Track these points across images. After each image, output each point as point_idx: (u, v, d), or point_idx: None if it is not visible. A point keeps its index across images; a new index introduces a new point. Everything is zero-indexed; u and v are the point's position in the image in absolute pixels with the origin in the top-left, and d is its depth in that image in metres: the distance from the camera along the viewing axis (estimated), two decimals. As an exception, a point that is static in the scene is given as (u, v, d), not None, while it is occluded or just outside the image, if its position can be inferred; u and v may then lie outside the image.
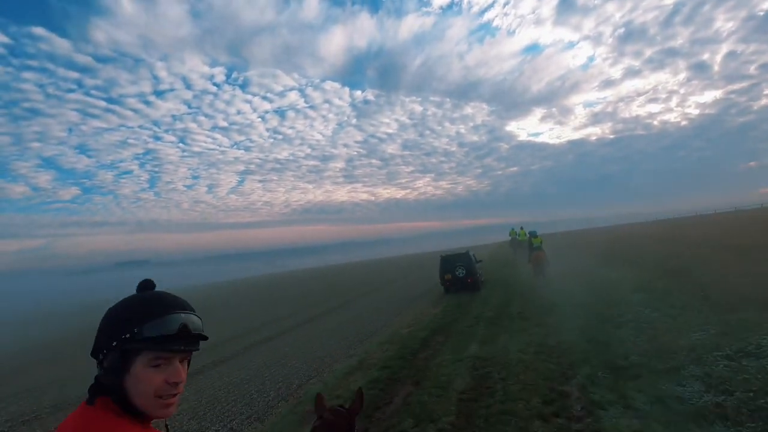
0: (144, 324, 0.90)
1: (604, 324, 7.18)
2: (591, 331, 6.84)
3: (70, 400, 8.25)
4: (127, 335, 0.89)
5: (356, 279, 32.60)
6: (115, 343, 0.90)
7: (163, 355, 0.92)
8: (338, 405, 1.51)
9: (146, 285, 1.01)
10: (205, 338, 1.00)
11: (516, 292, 12.51)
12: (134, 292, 1.00)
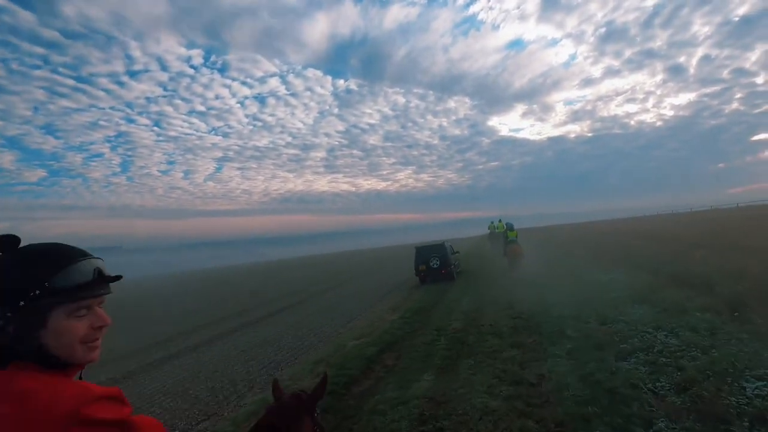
0: (54, 276, 0.82)
1: (603, 351, 5.18)
2: (586, 364, 4.87)
3: None
4: (37, 291, 0.81)
5: (328, 271, 30.62)
6: (22, 303, 0.80)
7: (84, 304, 0.85)
8: (300, 390, 1.38)
9: (11, 240, 0.86)
10: (120, 278, 0.97)
11: (490, 296, 10.63)
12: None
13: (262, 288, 24.25)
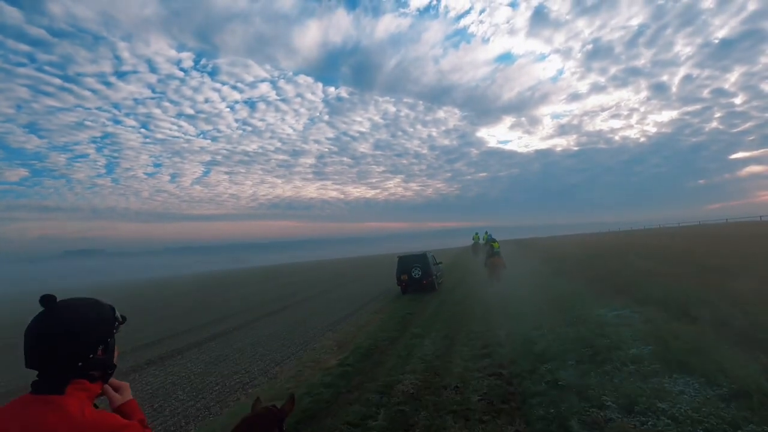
0: (115, 314, 1.35)
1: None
2: None
3: None
4: (117, 322, 1.35)
5: (308, 280, 28.18)
6: (115, 332, 1.34)
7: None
8: (271, 405, 1.60)
9: (53, 299, 1.23)
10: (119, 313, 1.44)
11: (465, 331, 8.40)
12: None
13: (228, 299, 21.72)
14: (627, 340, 5.77)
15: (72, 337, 1.17)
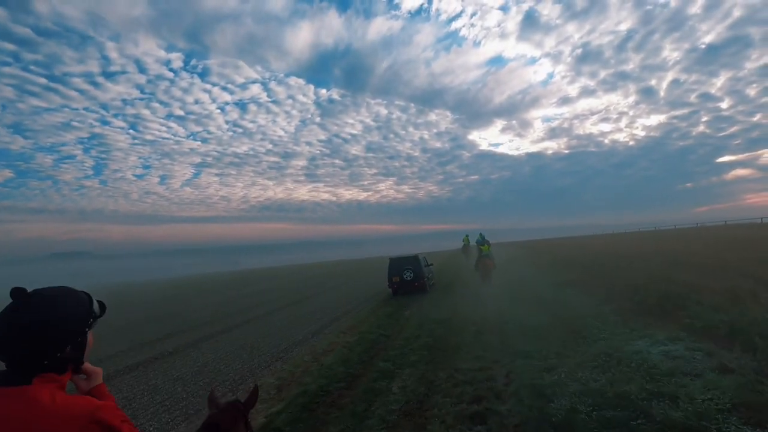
0: (92, 306, 1.25)
1: None
2: None
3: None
4: (91, 320, 1.24)
5: (287, 287, 26.02)
6: (87, 329, 1.21)
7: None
8: (234, 399, 1.54)
9: (25, 293, 1.15)
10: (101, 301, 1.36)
11: (452, 365, 6.20)
12: (70, 285, 1.27)
13: (189, 309, 19.33)
14: (707, 408, 3.53)
15: (37, 336, 1.09)
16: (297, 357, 8.17)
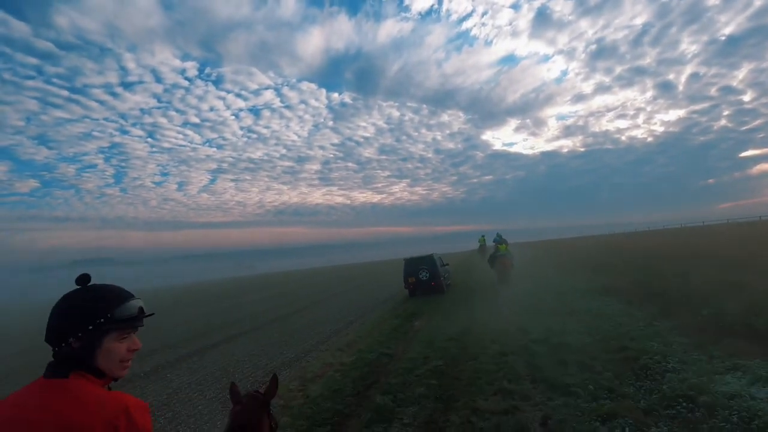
0: (115, 310, 1.17)
1: None
2: None
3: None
4: (102, 320, 1.14)
5: (290, 294, 24.84)
6: (91, 327, 1.13)
7: (128, 331, 1.21)
8: (254, 390, 1.56)
9: (85, 278, 1.23)
10: (152, 314, 1.33)
11: (469, 405, 4.75)
12: (111, 284, 1.28)
13: (212, 312, 18.37)
14: None
15: (54, 315, 1.16)
16: (282, 384, 6.80)
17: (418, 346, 7.90)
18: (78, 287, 1.20)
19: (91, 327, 1.13)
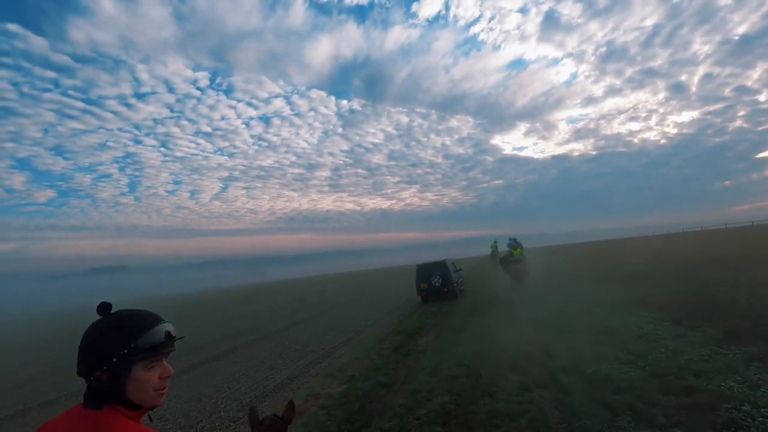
0: (138, 339, 1.12)
1: None
2: None
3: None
4: (126, 351, 1.10)
5: (286, 306, 23.73)
6: (115, 359, 1.09)
7: (157, 359, 1.16)
8: (272, 414, 1.56)
9: (106, 306, 1.18)
10: (182, 337, 1.30)
11: (486, 417, 3.46)
12: (106, 299, 1.22)
13: (212, 323, 17.38)
14: None
15: (80, 348, 1.14)
16: (351, 344, 5.57)
17: (422, 373, 6.60)
18: (100, 317, 1.17)
19: (114, 359, 1.10)
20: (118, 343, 1.11)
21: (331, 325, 13.34)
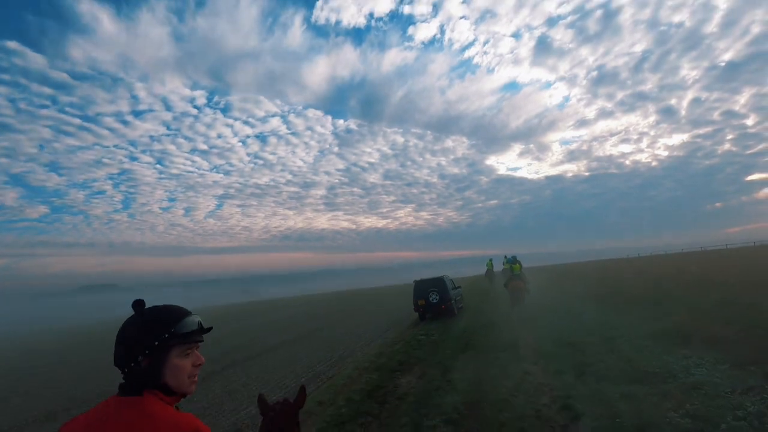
0: (176, 325, 1.22)
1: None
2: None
3: None
4: (167, 335, 1.20)
5: (296, 318, 21.88)
6: (157, 343, 1.18)
7: (191, 346, 1.26)
8: (282, 399, 1.60)
9: (141, 303, 1.27)
10: (210, 329, 1.35)
11: None
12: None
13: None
14: None
15: (119, 339, 1.21)
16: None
17: (404, 413, 4.80)
18: (135, 311, 1.25)
19: (157, 343, 1.18)
20: (159, 329, 1.19)
21: (304, 353, 11.49)
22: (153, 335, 1.18)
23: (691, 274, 17.33)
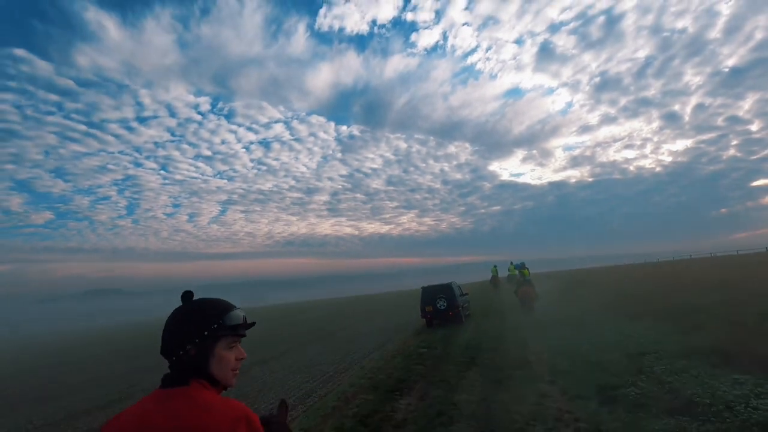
0: (224, 317, 1.22)
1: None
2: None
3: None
4: (215, 326, 1.20)
5: (292, 327, 21.08)
6: (206, 333, 1.18)
7: (236, 339, 1.26)
8: (268, 413, 1.48)
9: (190, 295, 1.27)
10: (254, 324, 1.36)
11: None
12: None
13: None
14: None
15: (168, 328, 1.21)
16: None
17: None
18: (184, 301, 1.25)
19: (206, 332, 1.19)
20: (207, 319, 1.20)
21: (298, 365, 10.65)
22: (203, 325, 1.19)
23: (710, 282, 16.32)
